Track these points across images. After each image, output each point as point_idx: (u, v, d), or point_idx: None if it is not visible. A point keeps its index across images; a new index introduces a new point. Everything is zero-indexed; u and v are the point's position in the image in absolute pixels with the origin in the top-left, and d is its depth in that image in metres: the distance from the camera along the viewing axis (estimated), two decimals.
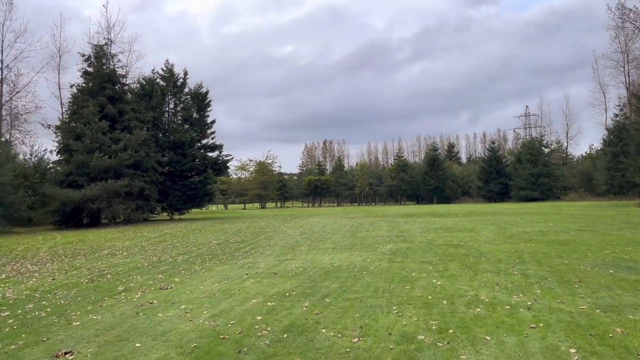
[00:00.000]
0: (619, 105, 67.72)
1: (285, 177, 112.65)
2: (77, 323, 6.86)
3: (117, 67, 39.60)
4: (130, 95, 40.91)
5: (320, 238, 19.47)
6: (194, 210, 61.00)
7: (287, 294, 8.29)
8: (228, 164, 47.44)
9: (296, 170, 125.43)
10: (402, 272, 10.23)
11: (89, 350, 5.48)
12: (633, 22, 44.79)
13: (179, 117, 45.89)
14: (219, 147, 46.29)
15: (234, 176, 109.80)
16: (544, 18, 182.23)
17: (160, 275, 11.09)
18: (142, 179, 36.51)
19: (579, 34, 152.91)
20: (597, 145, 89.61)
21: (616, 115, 65.68)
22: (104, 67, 37.58)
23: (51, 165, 39.12)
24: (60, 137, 36.71)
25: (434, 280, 9.13)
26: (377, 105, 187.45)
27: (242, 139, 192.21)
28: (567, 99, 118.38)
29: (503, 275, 9.52)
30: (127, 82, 41.95)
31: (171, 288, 9.42)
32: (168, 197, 42.44)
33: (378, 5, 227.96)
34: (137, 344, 5.55)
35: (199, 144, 46.46)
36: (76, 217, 35.66)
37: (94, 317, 7.16)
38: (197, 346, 5.41)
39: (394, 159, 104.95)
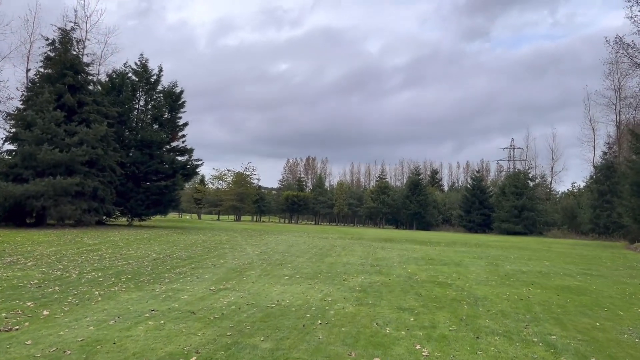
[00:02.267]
0: (608, 143, 66.33)
1: (264, 191, 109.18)
2: None
3: (84, 55, 36.34)
4: (94, 86, 37.63)
5: (281, 261, 16.32)
6: (160, 217, 57.38)
7: None
8: (198, 170, 44.01)
9: (277, 185, 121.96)
10: (371, 326, 7.15)
11: None
12: (631, 56, 42.95)
13: (149, 116, 42.49)
14: (189, 151, 42.88)
15: (211, 186, 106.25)
16: (532, 58, 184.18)
17: (29, 303, 7.82)
18: (97, 178, 32.98)
19: (565, 77, 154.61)
20: (581, 183, 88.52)
21: (605, 153, 64.09)
22: (68, 53, 34.24)
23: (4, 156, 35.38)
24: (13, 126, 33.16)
25: (418, 347, 6.08)
26: (364, 128, 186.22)
27: (228, 150, 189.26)
28: (554, 135, 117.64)
29: (517, 342, 6.51)
30: (92, 72, 38.77)
31: (16, 330, 6.20)
32: (129, 201, 38.86)
33: (374, 32, 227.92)
34: None
35: (168, 146, 43.06)
36: (19, 215, 31.89)
37: None
38: None
39: (376, 181, 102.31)
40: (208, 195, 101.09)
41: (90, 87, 36.42)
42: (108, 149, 34.16)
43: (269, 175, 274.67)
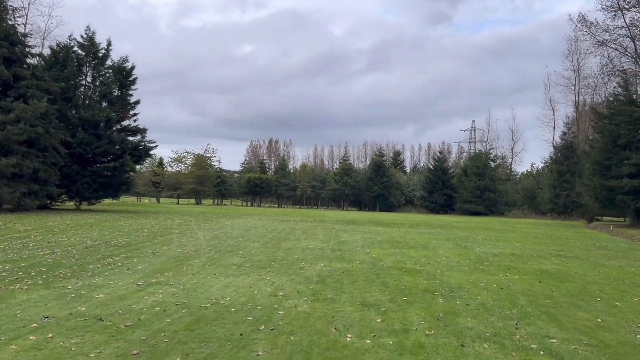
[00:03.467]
0: (567, 124, 66.80)
1: (226, 174, 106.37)
2: None
3: (21, 24, 33.35)
4: (39, 61, 34.75)
5: (232, 247, 14.68)
6: (114, 201, 54.60)
7: None
8: (151, 151, 41.46)
9: (240, 168, 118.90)
10: (328, 332, 5.65)
11: None
12: (594, 34, 42.61)
13: (97, 93, 39.64)
14: (141, 131, 40.34)
15: (170, 168, 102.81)
16: (493, 43, 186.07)
17: None
18: (37, 159, 30.31)
19: (524, 61, 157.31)
20: (539, 164, 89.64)
21: (564, 134, 64.49)
22: (2, 22, 31.15)
23: None
24: None
25: None
26: (328, 111, 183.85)
27: (190, 133, 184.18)
28: (514, 116, 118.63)
29: (512, 350, 5.13)
30: (33, 45, 35.77)
31: None
32: (75, 184, 36.22)
33: (339, 15, 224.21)
34: None
35: (119, 126, 40.43)
36: None
37: None
38: None
39: (339, 163, 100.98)
40: (167, 178, 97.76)
41: (30, 61, 33.52)
42: (49, 128, 31.42)
43: (232, 158, 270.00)
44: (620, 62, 42.52)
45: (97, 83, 40.03)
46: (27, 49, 33.21)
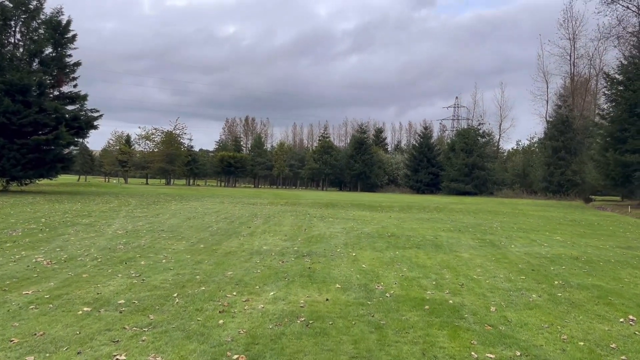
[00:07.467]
0: (562, 96, 62.08)
1: (199, 152, 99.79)
2: None
3: None
4: None
5: (139, 251, 9.16)
6: (63, 180, 48.41)
7: None
8: (95, 123, 34.92)
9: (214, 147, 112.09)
10: None
11: None
12: None
13: (26, 52, 33.19)
14: (81, 98, 34.09)
15: (138, 147, 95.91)
16: (474, 24, 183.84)
17: None
18: None
19: (504, 44, 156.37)
20: (525, 142, 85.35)
21: (559, 107, 59.73)
22: None
23: None
24: None
25: None
26: (311, 92, 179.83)
27: (172, 113, 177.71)
28: (502, 91, 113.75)
29: None
30: None
31: None
32: (0, 160, 30.09)
33: None
34: None
35: (57, 92, 34.22)
36: None
37: None
38: None
39: (318, 141, 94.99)
40: (134, 157, 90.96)
41: None
42: None
43: (213, 138, 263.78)
44: (630, 24, 37.83)
45: (28, 41, 33.58)
46: None
